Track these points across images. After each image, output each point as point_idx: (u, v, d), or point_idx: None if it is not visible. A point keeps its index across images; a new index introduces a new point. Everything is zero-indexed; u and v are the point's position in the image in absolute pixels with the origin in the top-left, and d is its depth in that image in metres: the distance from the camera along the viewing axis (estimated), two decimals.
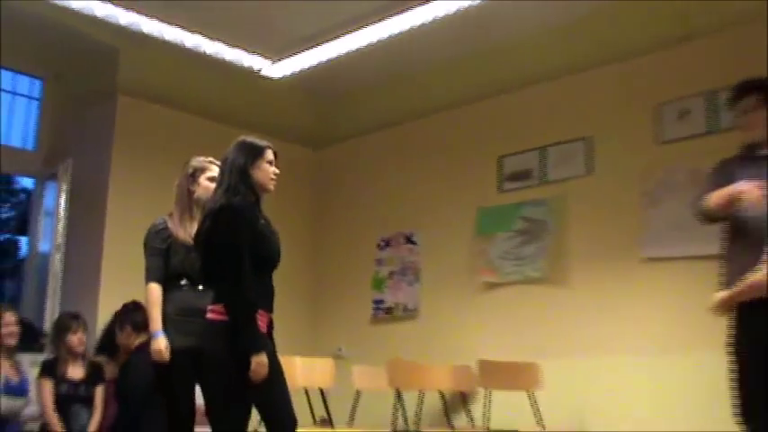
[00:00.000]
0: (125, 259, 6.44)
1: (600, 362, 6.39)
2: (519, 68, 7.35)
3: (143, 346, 5.61)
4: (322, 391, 6.57)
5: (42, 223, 7.70)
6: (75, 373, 6.31)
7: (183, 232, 4.84)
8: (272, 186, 4.29)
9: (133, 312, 6.30)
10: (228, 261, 4.03)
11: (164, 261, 4.85)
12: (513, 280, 7.06)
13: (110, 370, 6.46)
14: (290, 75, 7.56)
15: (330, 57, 7.20)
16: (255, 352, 3.93)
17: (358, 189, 8.44)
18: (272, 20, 6.96)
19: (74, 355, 6.31)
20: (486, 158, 7.44)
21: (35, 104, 7.83)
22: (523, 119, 7.33)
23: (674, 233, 6.23)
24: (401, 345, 7.45)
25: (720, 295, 4.24)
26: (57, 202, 7.49)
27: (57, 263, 7.28)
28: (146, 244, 4.93)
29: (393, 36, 6.85)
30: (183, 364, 4.70)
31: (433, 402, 6.90)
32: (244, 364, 3.93)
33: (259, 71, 7.48)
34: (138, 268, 5.08)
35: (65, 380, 6.24)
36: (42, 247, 7.62)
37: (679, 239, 6.16)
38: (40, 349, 6.76)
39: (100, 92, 7.42)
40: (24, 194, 9.78)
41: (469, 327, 7.23)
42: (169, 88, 7.52)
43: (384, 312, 7.94)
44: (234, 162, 4.22)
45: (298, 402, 4.41)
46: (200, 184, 4.95)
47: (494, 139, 7.43)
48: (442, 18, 6.59)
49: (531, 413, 6.30)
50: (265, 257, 4.17)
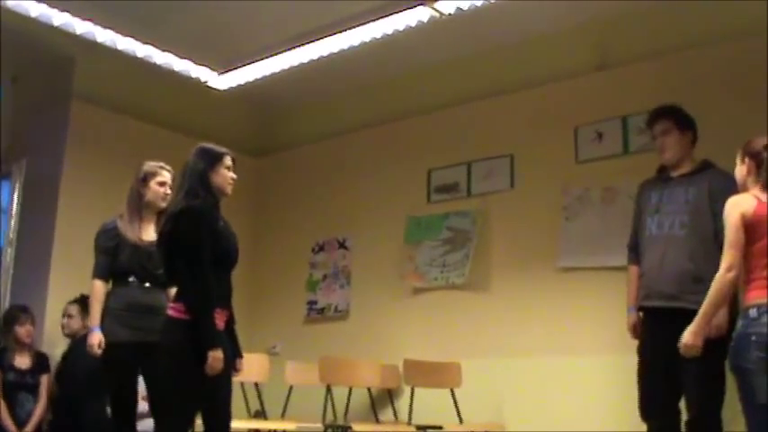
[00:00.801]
0: (74, 256, 6.63)
1: (517, 362, 6.58)
2: (448, 89, 7.56)
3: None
4: (257, 386, 6.75)
5: None
6: (22, 362, 6.47)
7: (132, 233, 5.04)
8: (229, 190, 4.46)
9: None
10: (189, 261, 4.19)
11: (111, 259, 5.03)
12: (438, 285, 7.23)
13: None
14: (235, 86, 7.64)
15: (273, 71, 7.31)
16: (212, 348, 4.10)
17: (295, 196, 8.53)
18: (219, 35, 7.09)
19: (21, 345, 6.46)
20: (417, 171, 7.63)
21: None
22: (452, 135, 7.52)
23: (587, 246, 6.43)
24: (332, 343, 7.58)
25: (688, 340, 4.17)
26: (10, 199, 7.55)
27: (8, 257, 7.36)
28: (96, 242, 5.12)
29: (332, 54, 6.99)
30: (125, 357, 4.92)
31: (361, 398, 7.04)
32: (200, 359, 4.08)
33: (206, 82, 7.57)
34: (86, 265, 5.22)
35: (12, 369, 6.40)
36: None
37: (592, 252, 6.38)
38: None
39: (55, 96, 7.47)
40: None
41: (396, 328, 7.40)
42: (121, 95, 7.56)
43: (317, 313, 8.08)
44: (194, 167, 4.38)
45: (234, 396, 4.54)
46: (150, 187, 5.14)
47: (424, 154, 7.62)
48: (377, 39, 6.74)
49: (453, 409, 6.47)
50: (224, 257, 4.35)
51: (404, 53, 7.27)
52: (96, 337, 4.94)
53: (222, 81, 7.60)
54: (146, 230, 5.16)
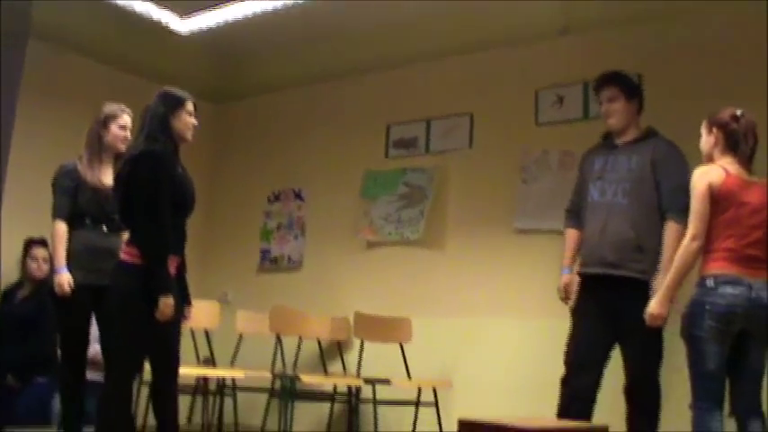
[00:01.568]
0: (26, 199, 6.45)
1: (467, 321, 6.64)
2: (412, 44, 7.49)
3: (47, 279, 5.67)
4: (207, 333, 6.75)
5: None
6: None
7: (92, 174, 5.03)
8: (189, 136, 4.44)
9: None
10: (147, 205, 4.18)
11: (71, 200, 5.01)
12: (392, 240, 7.27)
13: None
14: (197, 31, 7.52)
15: (236, 17, 7.20)
16: (164, 294, 4.11)
17: (253, 144, 8.52)
18: None
19: None
20: (376, 125, 7.64)
21: None
22: (413, 91, 7.53)
23: (543, 209, 6.47)
24: (284, 294, 7.59)
25: (655, 310, 4.35)
26: None
27: None
28: (54, 183, 5.09)
29: (297, 3, 6.90)
30: (82, 299, 4.93)
31: (311, 349, 7.09)
32: (150, 304, 4.09)
33: (167, 25, 7.43)
34: (38, 206, 5.24)
35: None
36: None
37: (547, 215, 6.39)
38: None
39: (12, 34, 7.35)
40: None
41: (349, 281, 7.44)
42: (78, 34, 7.41)
43: (270, 263, 8.10)
44: (155, 111, 4.35)
45: (183, 342, 4.60)
46: (110, 130, 5.13)
47: (384, 108, 7.63)
48: None
49: (401, 364, 6.55)
50: (181, 203, 4.34)
51: (368, 6, 7.21)
52: (65, 277, 4.94)
53: (184, 25, 7.47)
54: (105, 173, 5.15)
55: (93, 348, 5.27)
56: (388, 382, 6.24)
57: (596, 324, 4.78)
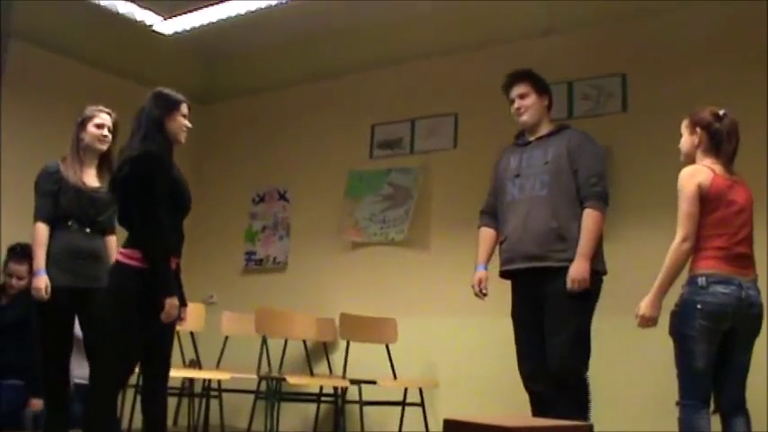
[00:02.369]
0: (13, 202, 6.45)
1: (452, 321, 6.65)
2: (396, 45, 7.54)
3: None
4: (192, 335, 6.71)
5: None
6: None
7: (74, 175, 4.99)
8: (183, 138, 4.41)
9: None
10: (147, 207, 4.13)
11: (53, 202, 4.97)
12: (377, 241, 7.29)
13: None
14: (181, 32, 7.54)
15: (219, 18, 7.21)
16: (169, 294, 4.08)
17: (238, 145, 8.50)
18: None
19: None
20: (360, 126, 7.65)
21: None
22: (397, 92, 7.54)
23: None
24: (269, 295, 7.56)
25: (644, 312, 4.20)
26: None
27: None
28: (37, 184, 5.05)
29: (280, 4, 6.92)
30: (63, 302, 4.89)
31: (297, 350, 7.08)
32: (148, 306, 4.06)
33: (151, 26, 7.45)
34: (27, 210, 5.21)
35: None
36: None
37: None
38: None
39: None
40: None
41: (334, 282, 7.44)
42: (62, 36, 7.40)
43: (255, 264, 8.11)
44: (150, 112, 4.30)
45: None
46: (87, 130, 5.09)
47: (368, 108, 7.64)
48: None
49: (387, 365, 6.55)
50: (178, 204, 4.31)
51: (351, 7, 7.24)
52: (42, 281, 4.89)
53: (167, 26, 7.50)
54: (87, 175, 5.14)
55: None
56: (374, 382, 6.24)
57: (534, 330, 4.78)
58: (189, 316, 6.17)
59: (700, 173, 4.12)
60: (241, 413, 6.78)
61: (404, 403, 6.48)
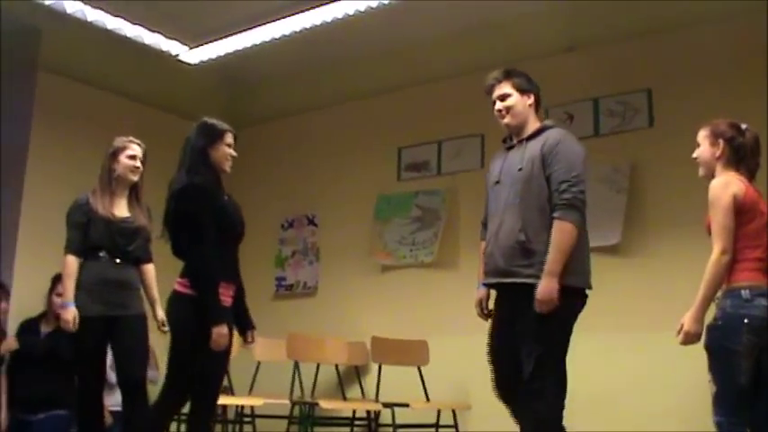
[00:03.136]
0: (41, 232, 6.61)
1: (483, 341, 6.34)
2: (420, 67, 7.54)
3: None
4: None
5: None
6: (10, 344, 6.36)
7: (104, 208, 5.04)
8: (228, 167, 4.50)
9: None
10: (193, 237, 4.23)
11: (83, 234, 5.02)
12: (407, 263, 7.29)
13: None
14: (206, 61, 7.61)
15: (244, 46, 7.28)
16: (217, 323, 4.14)
17: (265, 171, 8.46)
18: (190, 8, 7.01)
19: None
20: (387, 149, 7.66)
21: None
22: (423, 114, 7.53)
23: None
24: (300, 320, 7.58)
25: (688, 328, 3.99)
26: None
27: None
28: (68, 217, 5.11)
29: (304, 30, 6.95)
30: (96, 330, 4.94)
31: (329, 375, 7.05)
32: (205, 333, 4.12)
33: (176, 56, 7.53)
34: (54, 239, 5.24)
35: None
36: None
37: None
38: None
39: (21, 68, 7.31)
40: None
41: (364, 305, 7.43)
42: (89, 68, 7.48)
43: (285, 289, 8.10)
44: (194, 143, 4.41)
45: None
46: (119, 161, 5.14)
47: (394, 131, 7.65)
48: (349, 15, 6.72)
49: (420, 387, 6.54)
50: (229, 231, 4.41)
51: (376, 30, 7.25)
52: (71, 312, 4.93)
53: (193, 55, 7.58)
54: (118, 206, 5.19)
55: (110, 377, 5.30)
56: (406, 405, 6.23)
57: (505, 345, 4.40)
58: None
59: (733, 183, 4.00)
60: None
61: (437, 425, 6.47)
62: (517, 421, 4.41)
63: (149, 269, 5.36)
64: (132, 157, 5.21)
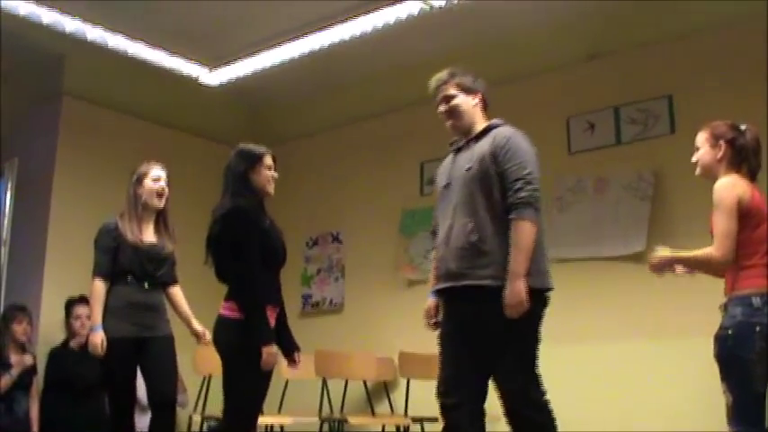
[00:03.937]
0: (68, 254, 6.74)
1: None
2: None
3: None
4: None
5: None
6: (23, 360, 6.45)
7: (132, 234, 5.10)
8: (270, 189, 4.53)
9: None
10: (238, 261, 4.26)
11: (112, 259, 5.07)
12: None
13: None
14: (227, 82, 7.68)
15: (264, 66, 7.36)
16: (266, 344, 4.19)
17: (288, 190, 8.29)
18: (210, 31, 7.11)
19: (17, 344, 6.47)
20: (409, 164, 7.68)
21: None
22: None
23: (580, 236, 6.48)
24: (327, 337, 7.54)
25: (662, 253, 4.13)
26: (3, 198, 7.55)
27: (2, 257, 7.36)
28: (96, 241, 5.16)
29: (324, 48, 7.02)
30: (123, 353, 4.98)
31: (357, 391, 7.06)
32: (252, 356, 4.16)
33: (197, 78, 7.61)
34: (80, 263, 5.29)
35: (10, 367, 6.38)
36: None
37: (585, 242, 6.43)
38: None
39: (45, 94, 7.47)
40: None
41: (391, 320, 7.40)
42: (112, 92, 7.58)
43: (312, 307, 8.12)
44: (235, 168, 4.45)
45: None
46: (144, 186, 5.20)
47: (416, 146, 7.63)
48: (369, 33, 6.79)
49: None
50: (272, 255, 4.41)
51: (395, 46, 7.29)
52: (99, 336, 4.97)
53: (213, 77, 7.64)
54: (145, 231, 5.25)
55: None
56: (436, 419, 6.14)
57: (460, 350, 4.18)
58: None
59: (739, 185, 3.95)
60: None
61: None
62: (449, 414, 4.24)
63: (176, 291, 5.42)
64: (156, 179, 5.26)
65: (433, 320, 4.49)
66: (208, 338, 4.96)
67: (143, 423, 5.75)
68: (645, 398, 5.94)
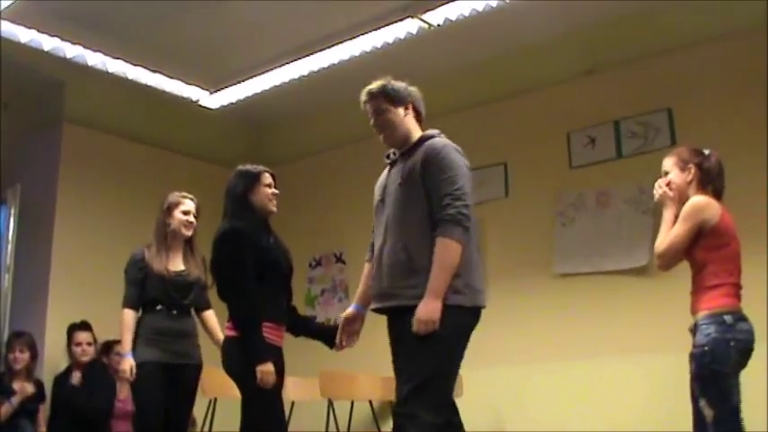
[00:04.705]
0: (72, 279, 6.75)
1: (516, 370, 6.63)
2: (439, 99, 7.37)
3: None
4: None
5: None
6: (25, 388, 6.39)
7: (159, 263, 5.21)
8: (272, 207, 4.58)
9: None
10: (232, 280, 4.31)
11: (140, 289, 5.19)
12: None
13: None
14: (227, 105, 7.70)
15: (264, 88, 7.38)
16: (260, 362, 4.19)
17: (290, 211, 8.29)
18: (208, 54, 7.16)
19: (13, 371, 6.44)
20: None
21: None
22: None
23: (583, 251, 6.51)
24: (332, 358, 7.41)
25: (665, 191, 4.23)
26: (6, 225, 7.56)
27: (6, 283, 7.37)
28: (125, 273, 5.28)
29: (323, 69, 7.05)
30: (153, 376, 5.06)
31: (364, 411, 7.06)
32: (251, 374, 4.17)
33: (197, 101, 7.62)
34: (84, 288, 5.35)
35: (12, 394, 6.34)
36: None
37: (588, 256, 6.45)
38: None
39: (46, 120, 7.50)
40: None
41: None
42: (112, 117, 7.60)
43: None
44: (233, 190, 4.50)
45: (233, 412, 4.60)
46: (174, 216, 5.31)
47: None
48: (367, 52, 6.83)
49: None
50: (272, 270, 4.43)
51: (394, 65, 7.17)
52: (128, 363, 5.05)
53: (213, 100, 7.66)
54: (173, 261, 5.34)
55: None
56: None
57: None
58: None
59: (711, 206, 4.07)
60: None
61: None
62: None
63: (209, 315, 5.52)
64: (186, 213, 5.36)
65: (350, 330, 4.59)
66: None
67: None
68: (653, 411, 5.92)
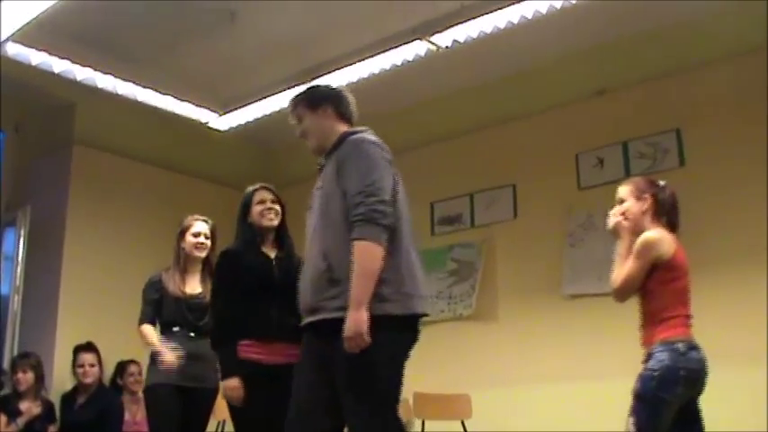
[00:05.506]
0: (81, 301, 6.77)
1: (526, 391, 6.60)
2: (448, 121, 7.62)
3: None
4: None
5: (2, 267, 7.69)
6: (31, 409, 6.39)
7: (173, 285, 5.26)
8: (266, 222, 4.63)
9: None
10: (212, 299, 4.56)
11: (156, 309, 5.26)
12: (446, 317, 7.25)
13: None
14: (236, 126, 7.69)
15: (273, 110, 7.34)
16: (224, 377, 4.24)
17: (301, 233, 8.60)
18: (218, 76, 7.19)
19: (19, 392, 6.41)
20: (419, 204, 7.48)
21: None
22: (453, 167, 7.60)
23: (592, 272, 6.44)
24: None
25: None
26: (16, 246, 7.57)
27: (16, 304, 7.36)
28: (143, 293, 5.34)
29: None
30: (168, 399, 5.07)
31: None
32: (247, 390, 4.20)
33: (207, 123, 7.62)
34: (93, 309, 5.37)
35: (19, 415, 6.32)
36: (2, 289, 7.59)
37: (597, 277, 6.29)
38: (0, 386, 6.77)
39: (57, 142, 7.52)
40: None
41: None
42: (122, 139, 7.63)
43: None
44: (238, 215, 4.66)
45: None
46: (186, 239, 5.36)
47: (426, 186, 7.56)
48: (376, 74, 6.81)
49: None
50: (250, 288, 4.39)
51: (403, 87, 7.33)
52: (168, 354, 5.04)
53: (223, 122, 7.66)
54: (190, 282, 5.36)
55: None
56: None
57: (318, 390, 3.63)
58: None
59: (664, 243, 4.06)
60: None
61: None
62: None
63: None
64: (197, 235, 5.38)
65: None
66: None
67: None
68: None
